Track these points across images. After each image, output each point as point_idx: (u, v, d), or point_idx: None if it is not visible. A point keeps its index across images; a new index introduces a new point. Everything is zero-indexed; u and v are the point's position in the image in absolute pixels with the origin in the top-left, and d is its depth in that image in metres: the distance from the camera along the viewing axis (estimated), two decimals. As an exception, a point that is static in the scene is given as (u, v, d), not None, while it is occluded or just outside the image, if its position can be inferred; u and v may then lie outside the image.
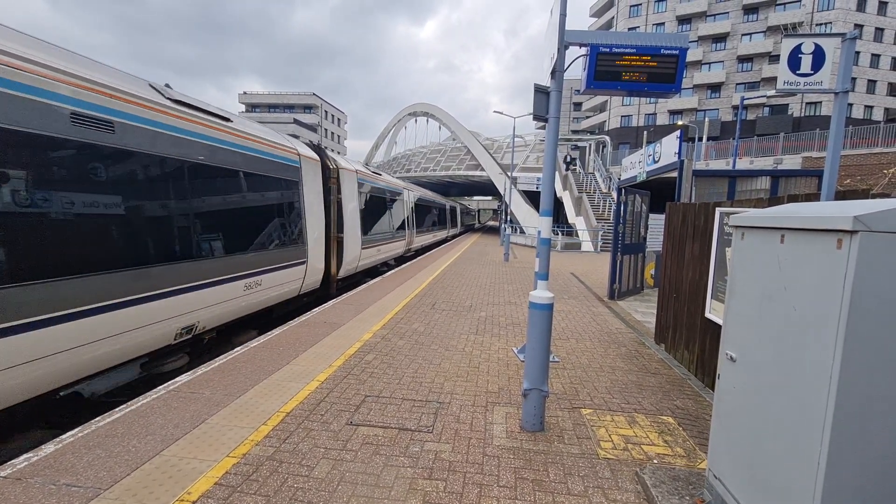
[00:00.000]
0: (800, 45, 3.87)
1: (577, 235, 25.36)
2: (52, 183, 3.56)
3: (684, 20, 48.81)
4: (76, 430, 3.29)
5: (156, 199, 4.62)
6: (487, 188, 45.74)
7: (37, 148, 3.44)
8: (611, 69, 3.47)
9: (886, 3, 42.44)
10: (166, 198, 4.74)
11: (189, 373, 4.49)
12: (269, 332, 6.05)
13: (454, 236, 35.88)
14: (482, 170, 35.72)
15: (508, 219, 22.34)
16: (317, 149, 9.16)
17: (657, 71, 3.45)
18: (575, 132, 60.12)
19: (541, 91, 3.60)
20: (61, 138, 3.63)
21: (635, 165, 9.12)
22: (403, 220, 16.54)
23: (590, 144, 33.83)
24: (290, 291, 7.61)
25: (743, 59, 46.64)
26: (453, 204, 35.84)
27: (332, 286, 9.57)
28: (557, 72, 3.49)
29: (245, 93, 73.02)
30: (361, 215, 11.03)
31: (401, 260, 17.04)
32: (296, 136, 9.86)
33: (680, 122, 39.57)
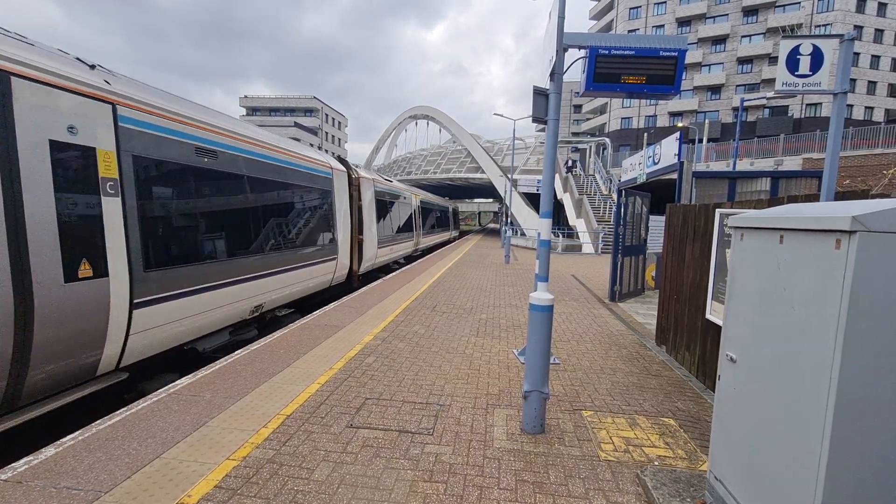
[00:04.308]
0: (798, 46, 3.87)
1: (578, 237, 25.34)
2: None
3: (684, 22, 48.88)
4: (77, 433, 3.29)
5: None
6: (488, 190, 45.77)
7: None
8: (610, 71, 3.48)
9: (886, 4, 42.48)
10: None
11: (190, 375, 4.49)
12: (269, 335, 6.05)
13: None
14: (482, 172, 35.75)
15: (509, 221, 22.34)
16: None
17: (656, 73, 3.46)
18: (575, 134, 60.17)
19: (540, 93, 3.61)
20: None
21: (635, 167, 9.12)
22: None
23: (590, 146, 33.86)
24: None
25: (743, 61, 46.67)
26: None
27: None
28: (556, 74, 3.49)
29: (245, 96, 73.13)
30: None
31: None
32: (296, 139, 9.73)
33: (680, 124, 39.63)
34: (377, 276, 13.17)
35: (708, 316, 4.46)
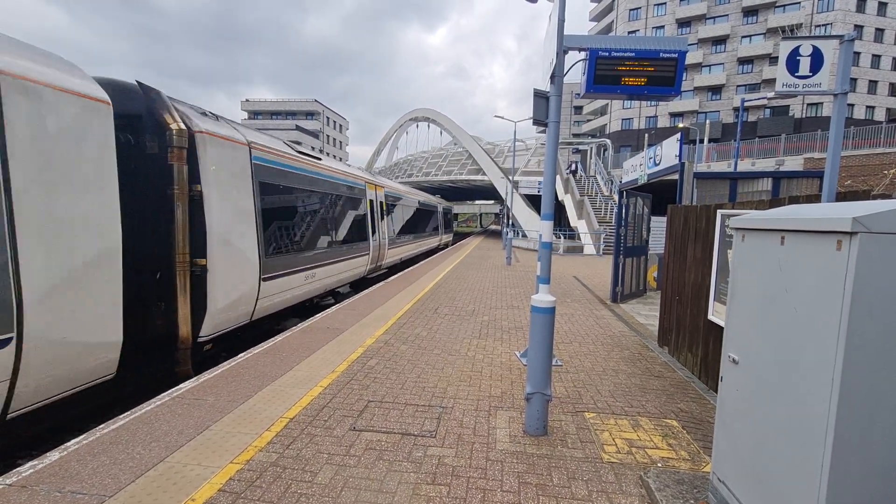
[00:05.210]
0: (798, 47, 3.88)
1: (580, 239, 25.33)
2: None
3: (684, 23, 48.93)
4: (81, 437, 3.31)
5: None
6: (489, 192, 45.79)
7: None
8: (610, 73, 3.50)
9: (886, 3, 42.47)
10: None
11: (193, 379, 4.50)
12: (271, 339, 6.06)
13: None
14: (483, 174, 35.78)
15: (510, 222, 22.34)
16: None
17: (657, 74, 3.47)
18: (576, 136, 60.21)
19: (540, 96, 3.62)
20: None
21: (636, 168, 9.14)
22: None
23: (591, 148, 33.86)
24: None
25: (743, 62, 46.70)
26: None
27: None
28: (557, 77, 3.51)
29: (247, 100, 73.33)
30: None
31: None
32: (298, 143, 8.81)
33: (681, 125, 39.56)
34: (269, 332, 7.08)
35: (710, 317, 4.45)
